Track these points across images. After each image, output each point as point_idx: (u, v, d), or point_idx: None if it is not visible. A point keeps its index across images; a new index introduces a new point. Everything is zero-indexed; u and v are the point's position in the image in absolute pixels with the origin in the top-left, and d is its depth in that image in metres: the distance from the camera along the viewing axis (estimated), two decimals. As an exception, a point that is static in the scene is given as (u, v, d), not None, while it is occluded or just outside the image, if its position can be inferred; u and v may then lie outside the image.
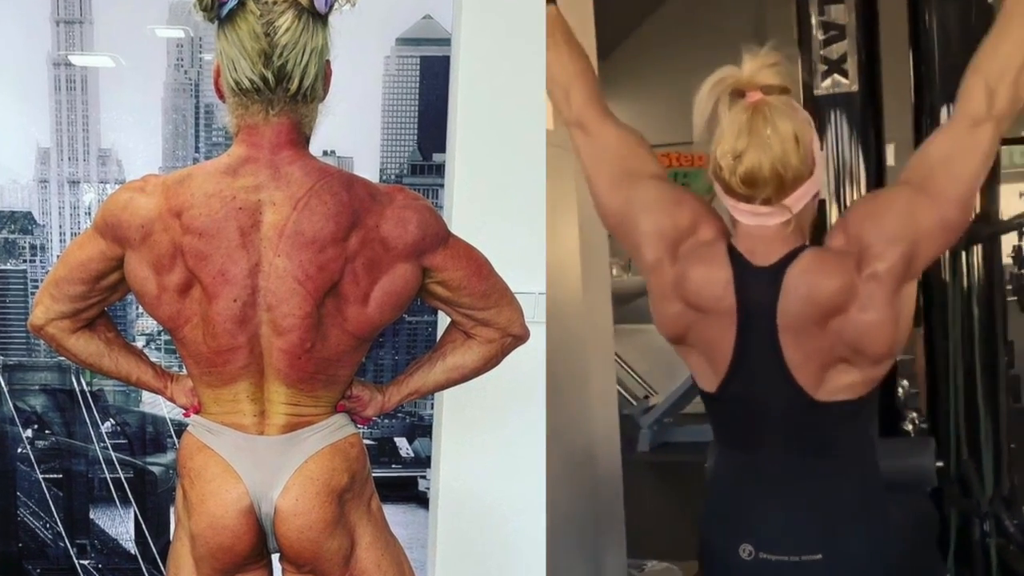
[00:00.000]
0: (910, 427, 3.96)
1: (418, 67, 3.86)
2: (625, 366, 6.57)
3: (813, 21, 3.61)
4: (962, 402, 3.51)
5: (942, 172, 2.11)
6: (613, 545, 3.96)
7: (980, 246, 3.46)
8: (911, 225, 2.11)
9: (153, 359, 2.37)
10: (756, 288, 2.17)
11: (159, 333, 3.89)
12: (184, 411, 2.28)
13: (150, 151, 3.90)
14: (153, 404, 3.99)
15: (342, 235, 2.03)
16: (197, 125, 3.95)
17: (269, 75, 2.01)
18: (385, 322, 2.15)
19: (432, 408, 3.76)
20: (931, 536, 2.49)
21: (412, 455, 4.07)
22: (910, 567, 2.32)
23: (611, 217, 2.41)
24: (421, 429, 4.03)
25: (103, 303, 2.22)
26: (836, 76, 3.57)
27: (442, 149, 3.63)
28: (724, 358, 2.23)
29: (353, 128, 3.78)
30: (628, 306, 5.31)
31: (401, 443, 4.09)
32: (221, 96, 2.12)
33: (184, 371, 2.25)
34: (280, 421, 2.14)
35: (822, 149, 3.09)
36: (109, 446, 3.99)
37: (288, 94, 2.04)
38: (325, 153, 3.56)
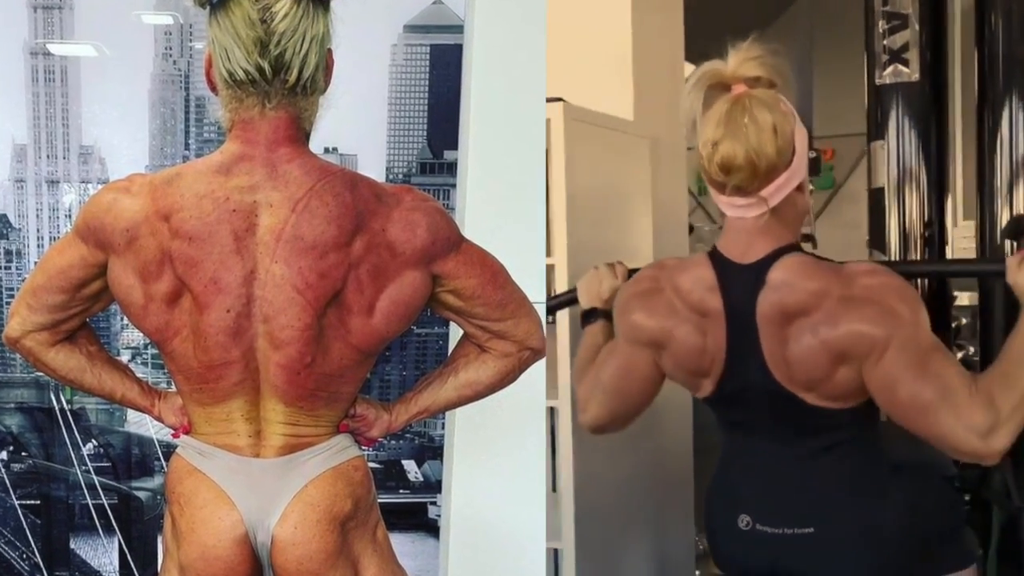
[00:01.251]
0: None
1: (428, 56, 3.86)
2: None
3: (876, 10, 3.74)
4: None
5: (939, 393, 2.24)
6: (679, 518, 4.21)
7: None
8: (887, 337, 2.25)
9: (139, 375, 2.38)
10: (739, 285, 2.40)
11: (146, 346, 3.90)
12: (173, 431, 2.29)
13: (136, 148, 3.91)
14: (139, 424, 3.99)
15: (345, 240, 2.03)
16: (187, 120, 3.95)
17: (265, 65, 2.02)
18: (392, 334, 2.15)
19: (443, 428, 3.76)
20: (951, 519, 2.66)
21: (421, 479, 4.07)
22: (918, 548, 2.52)
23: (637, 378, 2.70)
24: (431, 451, 4.03)
25: (85, 313, 2.22)
26: (897, 66, 3.71)
27: (454, 146, 3.64)
28: (720, 359, 2.47)
29: (357, 123, 3.78)
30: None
31: (409, 466, 4.08)
32: (213, 88, 2.12)
33: (173, 388, 2.25)
34: (277, 442, 2.14)
35: (881, 140, 3.19)
36: (91, 469, 3.99)
37: (286, 86, 2.04)
38: (327, 150, 3.57)
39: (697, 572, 4.58)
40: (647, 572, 4.03)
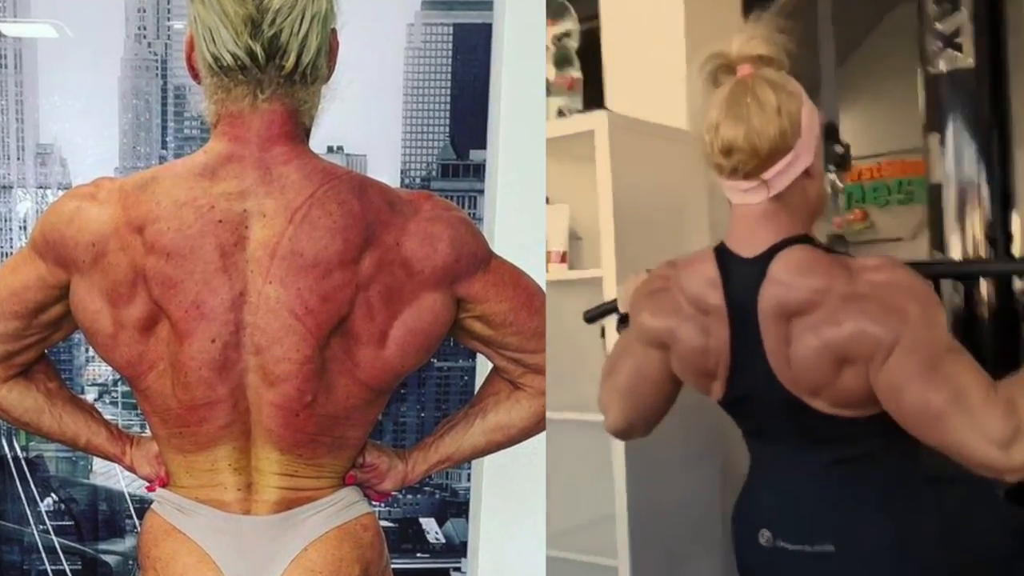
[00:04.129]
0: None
1: (450, 38, 3.87)
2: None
3: None
4: None
5: (951, 397, 2.29)
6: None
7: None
8: (892, 338, 2.32)
9: (108, 416, 2.38)
10: (741, 280, 2.55)
11: (115, 383, 3.91)
12: (147, 484, 2.29)
13: (103, 147, 3.93)
14: (107, 475, 4.00)
15: (352, 256, 2.03)
16: (164, 113, 3.97)
17: (257, 48, 2.02)
18: (408, 368, 2.15)
19: (469, 480, 3.76)
20: (1000, 543, 2.83)
21: (443, 540, 4.08)
22: (956, 572, 2.63)
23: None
24: (455, 507, 4.04)
25: (43, 343, 2.23)
26: (950, 51, 3.87)
27: (482, 145, 3.64)
28: (724, 360, 2.62)
29: (367, 118, 3.79)
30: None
31: (429, 525, 4.09)
32: (196, 76, 2.13)
33: (147, 432, 2.25)
34: (272, 497, 2.14)
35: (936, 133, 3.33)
36: (50, 529, 4.01)
37: (282, 73, 2.05)
38: (330, 150, 3.59)
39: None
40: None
